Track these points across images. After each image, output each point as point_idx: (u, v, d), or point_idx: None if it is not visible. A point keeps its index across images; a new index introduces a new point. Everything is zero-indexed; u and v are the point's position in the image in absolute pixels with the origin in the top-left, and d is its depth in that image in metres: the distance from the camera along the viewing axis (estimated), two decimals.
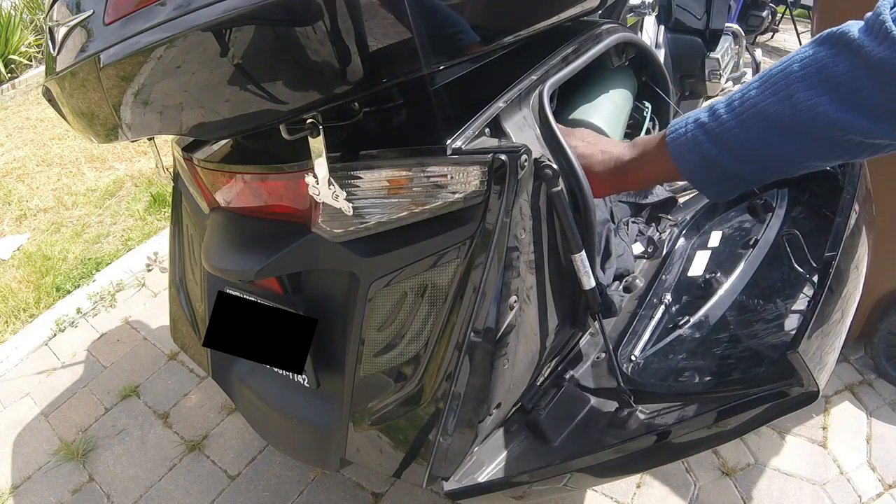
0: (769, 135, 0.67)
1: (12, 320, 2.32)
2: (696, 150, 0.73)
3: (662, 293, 1.29)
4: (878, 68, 0.57)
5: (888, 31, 0.56)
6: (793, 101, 0.64)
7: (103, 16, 0.83)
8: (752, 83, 0.69)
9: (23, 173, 3.41)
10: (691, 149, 0.74)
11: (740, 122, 0.68)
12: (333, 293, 1.04)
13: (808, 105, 0.62)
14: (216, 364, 1.29)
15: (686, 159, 0.75)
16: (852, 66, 0.60)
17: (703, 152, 0.73)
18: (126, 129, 0.91)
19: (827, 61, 0.62)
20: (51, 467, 1.74)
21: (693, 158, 0.74)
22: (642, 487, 1.54)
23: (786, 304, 1.08)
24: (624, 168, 0.87)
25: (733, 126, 0.69)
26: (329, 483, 1.61)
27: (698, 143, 0.73)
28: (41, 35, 4.79)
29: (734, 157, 0.71)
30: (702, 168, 0.74)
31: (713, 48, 2.52)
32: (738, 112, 0.69)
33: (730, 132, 0.69)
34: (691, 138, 0.74)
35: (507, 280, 0.88)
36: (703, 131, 0.72)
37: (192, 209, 1.25)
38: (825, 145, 0.65)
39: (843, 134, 0.62)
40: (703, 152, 0.72)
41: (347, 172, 0.86)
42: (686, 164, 0.75)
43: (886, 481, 1.52)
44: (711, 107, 0.72)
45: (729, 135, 0.70)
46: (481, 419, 0.97)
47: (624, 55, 1.31)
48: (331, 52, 0.70)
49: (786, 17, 4.64)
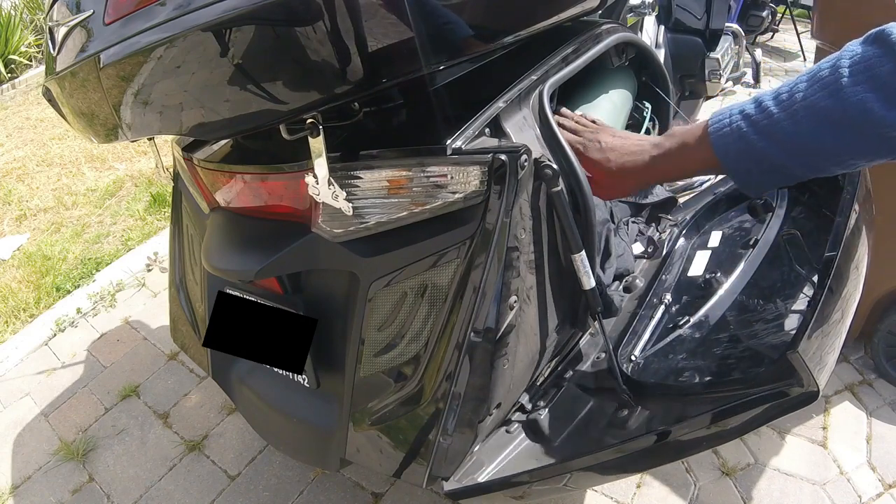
0: (820, 129, 0.67)
1: (12, 320, 2.32)
2: (741, 141, 0.72)
3: (662, 293, 1.29)
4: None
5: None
6: (842, 96, 0.64)
7: (103, 16, 0.83)
8: (800, 78, 0.69)
9: (23, 173, 3.41)
10: (735, 140, 0.73)
11: (790, 115, 0.68)
12: (333, 293, 1.04)
13: (856, 100, 0.63)
14: (216, 364, 1.29)
15: (729, 150, 0.74)
16: None
17: (748, 144, 0.72)
18: (126, 129, 0.91)
19: (874, 60, 0.62)
20: (51, 467, 1.75)
21: (737, 149, 0.73)
22: (642, 487, 1.54)
23: (786, 304, 1.08)
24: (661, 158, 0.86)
25: (782, 119, 0.69)
26: (329, 483, 1.61)
27: (743, 135, 0.72)
28: (41, 35, 4.79)
29: (782, 150, 0.70)
30: (746, 160, 0.73)
31: (713, 48, 2.52)
32: (787, 105, 0.68)
33: (778, 124, 0.69)
34: (736, 129, 0.73)
35: (507, 280, 0.88)
36: (748, 123, 0.72)
37: (192, 209, 1.25)
38: (873, 142, 0.65)
39: (889, 131, 0.63)
40: (749, 144, 0.72)
41: (347, 172, 0.86)
42: (729, 154, 0.74)
43: (886, 481, 1.52)
44: (756, 99, 0.72)
45: (777, 127, 0.69)
46: (481, 419, 0.97)
47: (624, 55, 1.31)
48: (331, 52, 0.70)
49: (786, 17, 4.65)
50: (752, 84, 3.01)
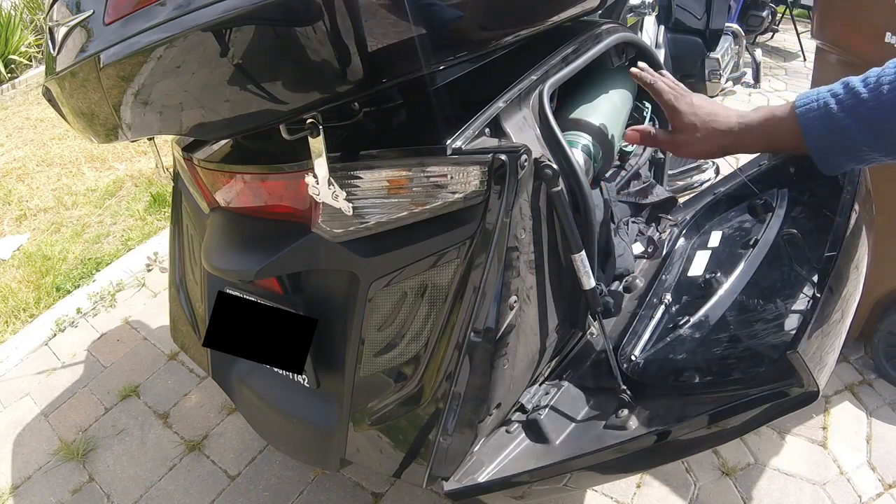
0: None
1: (12, 320, 2.31)
2: (827, 118, 0.76)
3: (662, 293, 1.29)
4: None
5: None
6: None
7: (103, 16, 0.83)
8: (890, 64, 0.72)
9: (23, 173, 3.41)
10: (821, 116, 0.77)
11: (876, 97, 0.72)
12: (333, 293, 1.04)
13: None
14: (216, 364, 1.29)
15: (814, 125, 0.77)
16: None
17: (833, 120, 0.75)
18: (126, 129, 0.91)
19: None
20: (51, 467, 1.74)
21: (822, 125, 0.77)
22: (642, 487, 1.54)
23: (786, 304, 1.08)
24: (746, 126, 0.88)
25: (868, 99, 0.73)
26: (329, 483, 1.61)
27: (830, 111, 0.76)
28: (41, 35, 4.79)
29: (865, 129, 0.74)
30: (829, 137, 0.77)
31: (713, 48, 2.52)
32: (875, 87, 0.72)
33: (865, 104, 0.73)
34: (823, 106, 0.76)
35: (507, 280, 0.88)
36: (836, 101, 0.75)
37: (192, 209, 1.25)
38: None
39: None
40: (834, 121, 0.75)
41: (347, 172, 0.86)
42: (814, 130, 0.78)
43: (886, 481, 1.52)
44: (844, 81, 0.76)
45: (863, 106, 0.73)
46: (481, 419, 0.97)
47: (624, 55, 1.31)
48: (331, 52, 0.70)
49: (786, 17, 4.65)
50: (752, 84, 3.00)
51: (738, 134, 0.88)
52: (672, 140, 0.92)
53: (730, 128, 0.89)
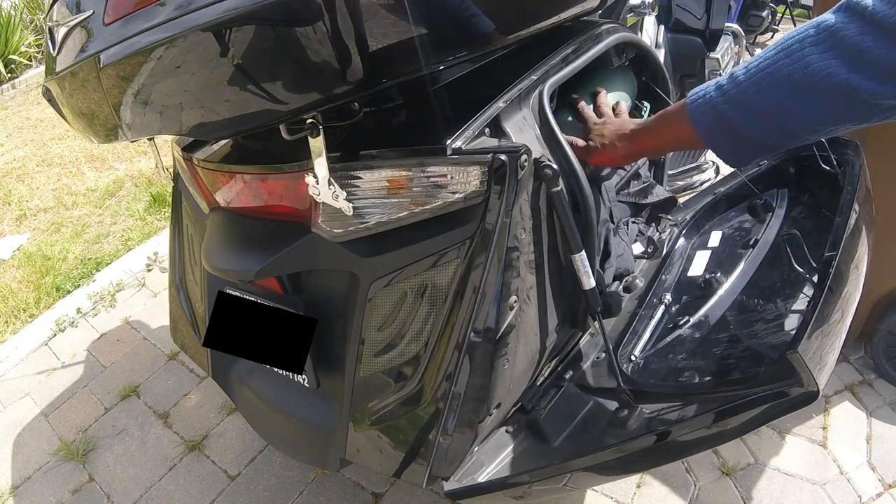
0: (781, 94, 0.69)
1: (12, 320, 2.31)
2: (713, 112, 0.76)
3: (662, 293, 1.29)
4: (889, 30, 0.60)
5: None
6: (805, 62, 0.66)
7: (103, 16, 0.83)
8: (769, 48, 0.71)
9: (23, 173, 3.41)
10: (708, 110, 0.76)
11: (755, 83, 0.71)
12: (333, 293, 1.04)
13: (819, 66, 0.65)
14: (216, 364, 1.29)
15: (703, 121, 0.77)
16: (863, 31, 0.62)
17: (718, 113, 0.75)
18: (126, 129, 0.91)
19: (839, 25, 0.65)
20: (51, 467, 1.74)
21: (710, 120, 0.76)
22: (642, 487, 1.54)
23: (786, 304, 1.08)
24: (643, 128, 0.89)
25: (749, 87, 0.72)
26: (329, 483, 1.61)
27: (715, 105, 0.75)
28: (41, 35, 4.79)
29: (748, 118, 0.73)
30: (718, 129, 0.76)
31: (713, 48, 2.52)
32: (754, 73, 0.71)
33: (745, 92, 0.72)
34: (708, 100, 0.76)
35: (507, 280, 0.88)
36: (720, 93, 0.75)
37: (192, 209, 1.25)
38: (835, 105, 0.67)
39: (853, 95, 0.65)
40: (719, 113, 0.75)
41: (347, 172, 0.86)
42: (703, 125, 0.77)
43: (886, 481, 1.52)
44: (732, 72, 0.75)
45: (744, 95, 0.72)
46: (481, 419, 0.97)
47: (624, 55, 1.31)
48: (331, 52, 0.70)
49: (786, 17, 4.65)
50: None
51: (636, 135, 0.91)
52: (585, 149, 0.98)
53: (628, 132, 0.93)
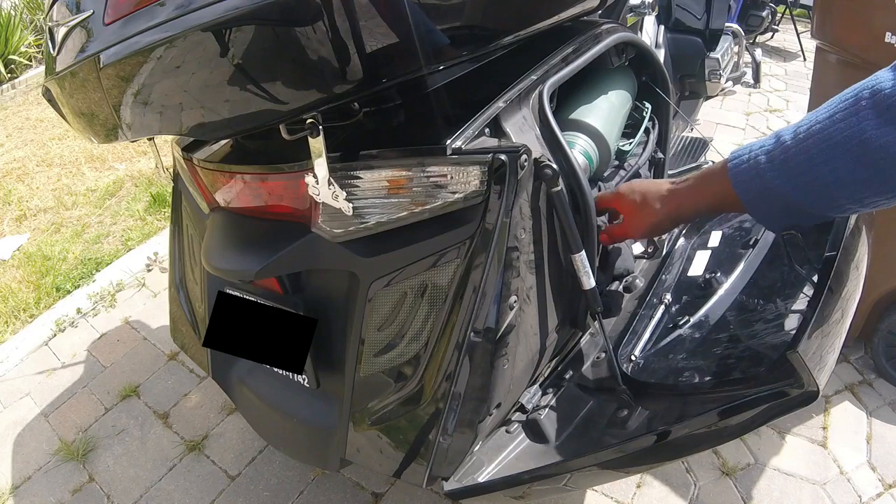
0: (834, 162, 0.62)
1: (12, 320, 2.31)
2: (758, 179, 0.68)
3: (662, 293, 1.29)
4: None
5: None
6: (861, 129, 0.60)
7: (103, 16, 0.83)
8: (820, 111, 0.65)
9: (23, 173, 3.41)
10: (753, 177, 0.69)
11: (805, 149, 0.64)
12: (333, 293, 1.04)
13: (876, 134, 0.59)
14: (216, 364, 1.29)
15: (747, 186, 0.70)
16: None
17: (764, 181, 0.68)
18: (126, 130, 0.91)
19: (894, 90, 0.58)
20: (51, 467, 1.74)
21: (756, 187, 0.69)
22: (642, 487, 1.54)
23: (786, 304, 1.08)
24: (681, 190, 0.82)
25: (798, 153, 0.65)
26: (329, 483, 1.61)
27: (760, 171, 0.68)
28: (41, 35, 4.78)
29: (796, 187, 0.66)
30: (763, 197, 0.69)
31: (713, 48, 2.52)
32: (803, 139, 0.64)
33: (795, 158, 0.65)
34: (753, 165, 0.69)
35: (507, 280, 0.88)
36: (766, 158, 0.68)
37: (192, 209, 1.25)
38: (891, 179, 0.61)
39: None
40: (765, 181, 0.68)
41: (347, 172, 0.86)
42: (748, 192, 0.70)
43: (886, 481, 1.52)
44: (777, 133, 0.68)
45: (794, 161, 0.65)
46: (481, 419, 0.97)
47: (624, 55, 1.31)
48: (330, 52, 0.70)
49: (786, 17, 4.65)
50: (752, 84, 3.00)
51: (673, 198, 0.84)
52: (624, 226, 0.92)
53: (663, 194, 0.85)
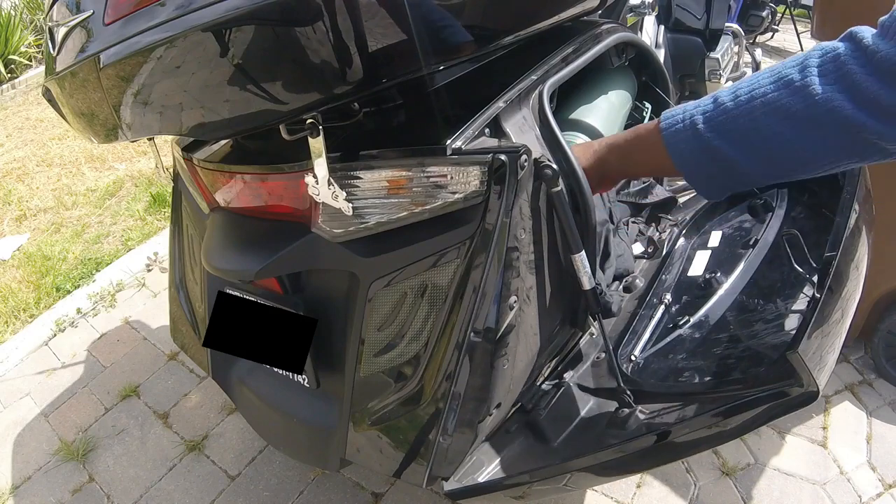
0: (780, 125, 0.64)
1: (12, 320, 2.31)
2: (695, 139, 0.69)
3: (662, 293, 1.29)
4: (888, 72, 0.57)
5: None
6: (808, 93, 0.61)
7: (103, 16, 0.83)
8: (761, 74, 0.66)
9: (23, 173, 3.41)
10: (689, 137, 0.69)
11: (748, 111, 0.65)
12: (333, 293, 1.04)
13: (824, 98, 0.60)
14: (216, 364, 1.29)
15: (682, 148, 0.70)
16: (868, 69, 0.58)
17: (702, 141, 0.68)
18: (126, 130, 0.91)
19: (845, 58, 0.60)
20: (51, 467, 1.74)
21: (691, 148, 0.70)
22: (642, 487, 1.54)
23: (786, 304, 1.08)
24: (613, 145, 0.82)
25: (739, 115, 0.66)
26: (329, 483, 1.61)
27: (697, 132, 0.68)
28: (41, 35, 4.78)
29: (739, 149, 0.67)
30: (699, 159, 0.70)
31: (713, 48, 2.52)
32: (745, 101, 0.65)
33: (735, 121, 0.66)
34: (689, 126, 0.69)
35: (507, 280, 0.88)
36: (704, 119, 0.68)
37: (192, 209, 1.25)
38: (839, 142, 0.62)
39: (858, 132, 0.60)
40: (703, 142, 0.68)
41: (347, 172, 0.86)
42: (682, 153, 0.71)
43: (886, 481, 1.52)
44: (714, 96, 0.69)
45: (734, 123, 0.66)
46: (481, 419, 0.97)
47: (624, 55, 1.31)
48: (331, 53, 0.70)
49: (786, 17, 4.65)
50: None
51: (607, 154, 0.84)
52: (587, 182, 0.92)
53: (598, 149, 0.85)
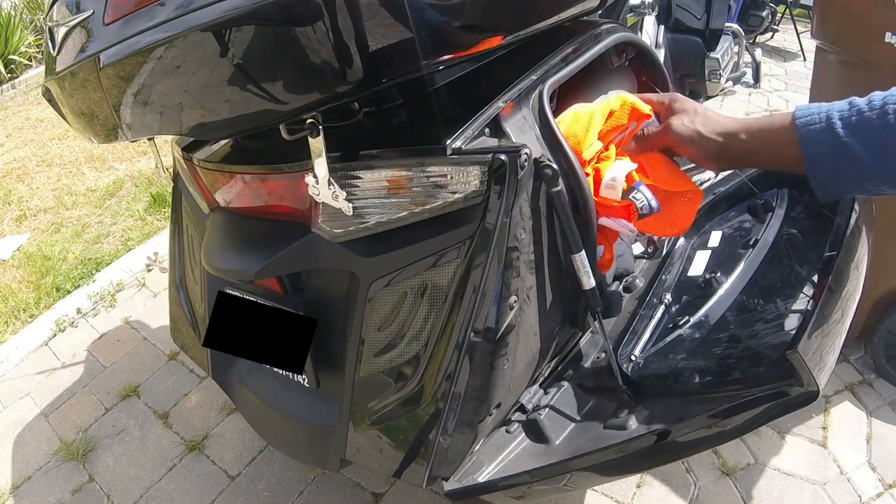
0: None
1: (12, 320, 2.31)
2: (829, 136, 0.71)
3: (662, 293, 1.29)
4: None
5: None
6: None
7: (103, 16, 0.83)
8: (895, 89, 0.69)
9: (23, 173, 3.41)
10: (822, 133, 0.72)
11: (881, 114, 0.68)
12: (333, 293, 1.04)
13: None
14: (216, 364, 1.29)
15: (815, 140, 0.72)
16: None
17: (835, 139, 0.71)
18: (126, 130, 0.91)
19: None
20: (51, 467, 1.74)
21: (823, 143, 0.72)
22: (642, 487, 1.54)
23: (786, 304, 1.08)
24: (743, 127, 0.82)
25: (874, 118, 0.68)
26: (329, 483, 1.61)
27: (832, 129, 0.71)
28: (41, 35, 4.78)
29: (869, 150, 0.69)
30: (828, 155, 0.72)
31: (713, 48, 2.52)
32: (879, 106, 0.68)
33: (869, 122, 0.69)
34: (825, 122, 0.72)
35: (507, 280, 0.88)
36: (839, 116, 0.71)
37: (192, 209, 1.25)
38: None
39: None
40: (836, 139, 0.71)
41: (347, 172, 0.86)
42: (814, 146, 0.73)
43: (886, 481, 1.52)
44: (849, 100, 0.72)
45: (868, 125, 0.69)
46: (481, 419, 0.97)
47: (624, 55, 1.31)
48: (331, 52, 0.70)
49: (786, 17, 4.65)
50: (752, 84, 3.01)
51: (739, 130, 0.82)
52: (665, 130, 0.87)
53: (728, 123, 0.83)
